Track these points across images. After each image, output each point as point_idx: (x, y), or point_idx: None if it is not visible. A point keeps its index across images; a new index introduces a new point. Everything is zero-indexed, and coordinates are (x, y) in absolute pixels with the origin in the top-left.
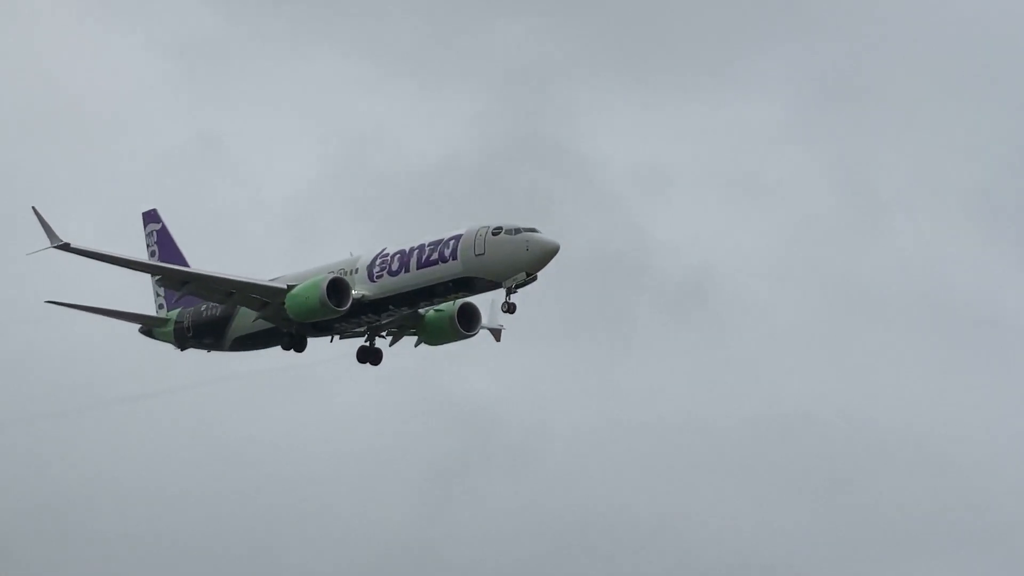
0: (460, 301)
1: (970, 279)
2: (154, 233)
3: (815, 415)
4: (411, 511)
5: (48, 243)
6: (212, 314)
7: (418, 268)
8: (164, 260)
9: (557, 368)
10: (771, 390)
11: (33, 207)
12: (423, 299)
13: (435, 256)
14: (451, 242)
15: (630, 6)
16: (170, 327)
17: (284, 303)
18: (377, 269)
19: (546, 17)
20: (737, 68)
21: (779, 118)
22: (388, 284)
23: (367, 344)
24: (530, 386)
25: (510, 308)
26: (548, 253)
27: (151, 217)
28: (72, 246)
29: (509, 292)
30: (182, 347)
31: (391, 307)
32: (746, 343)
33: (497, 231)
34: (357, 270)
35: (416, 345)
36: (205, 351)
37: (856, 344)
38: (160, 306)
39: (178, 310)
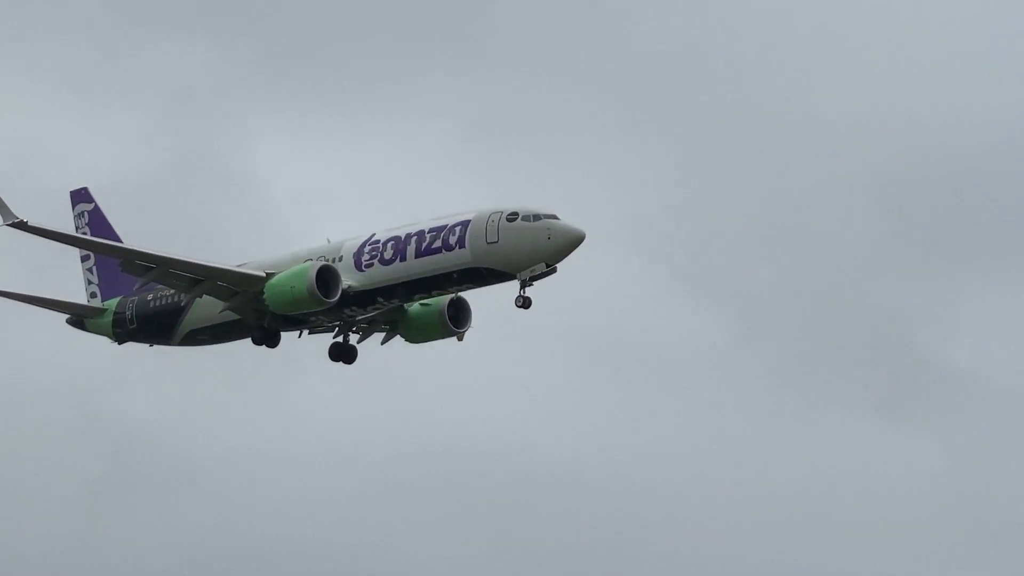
0: (448, 296)
1: (627, 311)
2: (84, 214)
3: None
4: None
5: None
6: (163, 304)
7: (417, 256)
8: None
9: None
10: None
11: None
12: (420, 291)
13: (438, 244)
14: (457, 228)
15: (302, 30)
16: (108, 318)
17: (263, 293)
18: (367, 257)
19: (215, 39)
20: (407, 92)
21: (447, 144)
22: (380, 274)
23: (339, 340)
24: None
25: (525, 303)
26: (572, 242)
27: (81, 196)
28: (30, 224)
29: (524, 285)
30: (120, 341)
31: (380, 300)
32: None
33: (513, 217)
34: (341, 258)
35: (383, 343)
36: (147, 345)
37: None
38: (93, 295)
39: (117, 299)
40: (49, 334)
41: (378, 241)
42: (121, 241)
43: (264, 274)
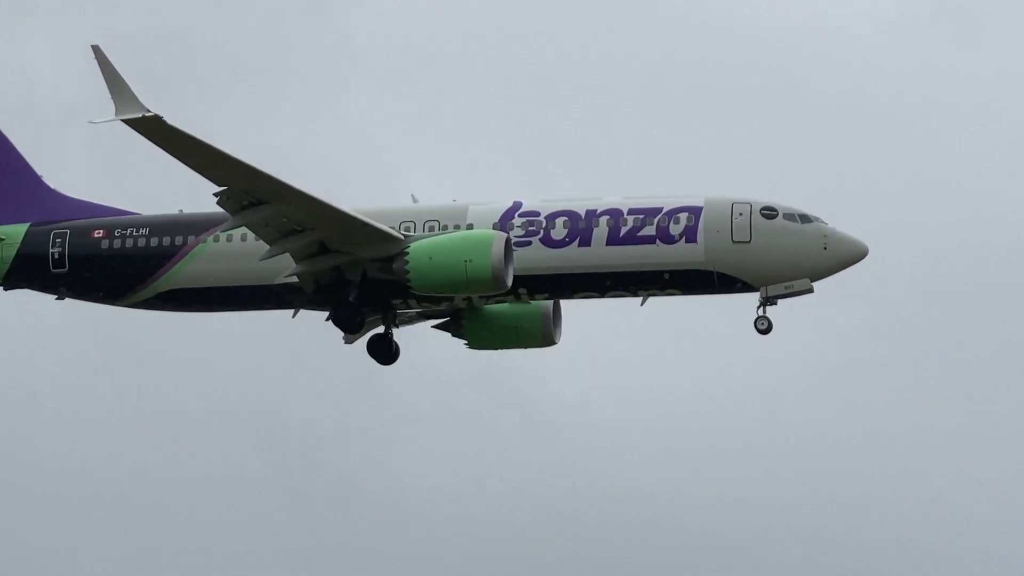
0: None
1: None
2: None
3: None
4: None
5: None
6: (134, 245)
7: (611, 243)
8: None
9: None
10: None
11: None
12: (593, 289)
13: (649, 231)
14: (682, 215)
15: None
16: (8, 250)
17: (394, 260)
18: (519, 232)
19: None
20: None
21: None
22: (544, 258)
23: (385, 333)
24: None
25: (767, 327)
26: (854, 258)
27: None
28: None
29: (767, 303)
30: (8, 286)
31: (523, 289)
32: None
33: (770, 213)
34: (472, 226)
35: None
36: (55, 297)
37: None
38: None
39: (19, 226)
40: None
41: (536, 213)
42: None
43: (401, 234)
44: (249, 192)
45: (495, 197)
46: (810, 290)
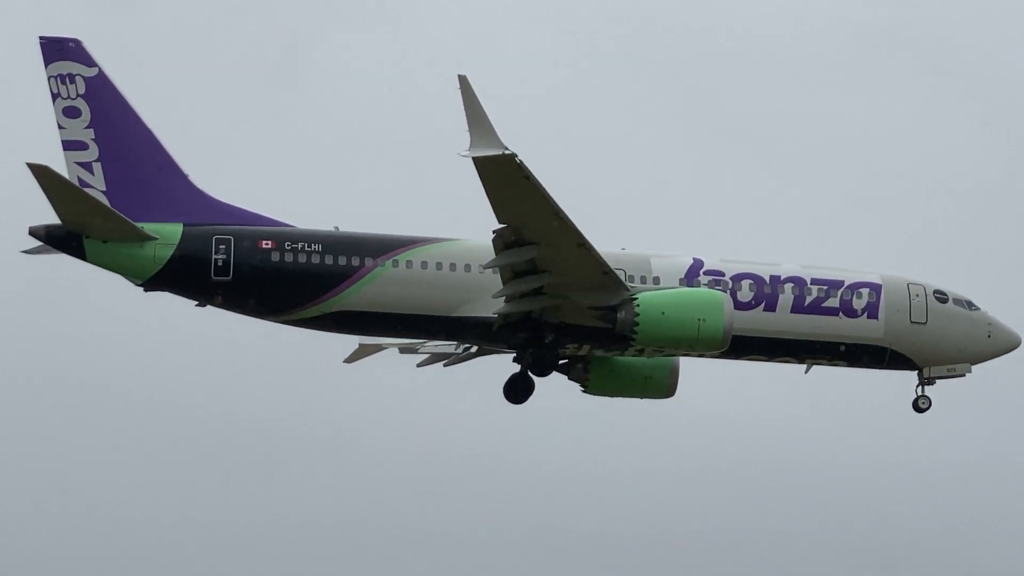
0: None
1: None
2: (76, 80)
3: None
4: None
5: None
6: (307, 262)
7: (798, 311)
8: (102, 137)
9: None
10: None
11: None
12: (769, 352)
13: (834, 303)
14: (864, 290)
15: None
16: (156, 251)
17: (635, 313)
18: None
19: None
20: None
21: None
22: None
23: (523, 373)
24: None
25: (929, 406)
26: (1011, 348)
27: (65, 51)
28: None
29: (927, 383)
30: (151, 287)
31: None
32: None
33: (942, 296)
34: (657, 279)
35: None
36: (195, 303)
37: None
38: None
39: (174, 225)
40: None
41: (720, 273)
42: (154, 139)
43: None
44: (528, 237)
45: (666, 250)
46: (969, 373)
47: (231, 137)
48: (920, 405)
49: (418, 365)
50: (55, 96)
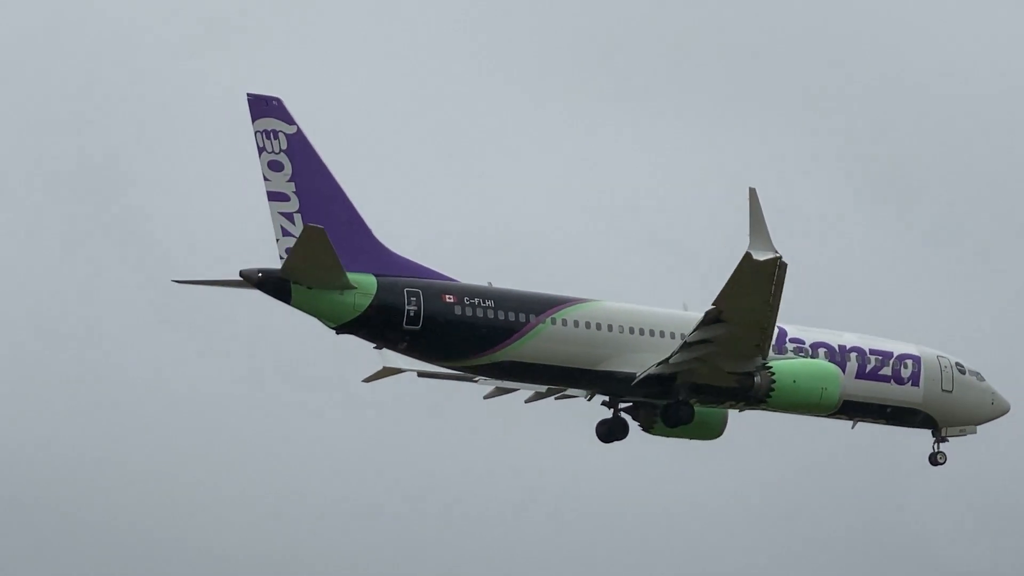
0: None
1: None
2: (279, 137)
3: None
4: None
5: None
6: (483, 316)
7: (861, 377)
8: (302, 190)
9: None
10: None
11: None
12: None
13: (887, 371)
14: (909, 361)
15: None
16: (356, 299)
17: (772, 380)
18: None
19: None
20: None
21: None
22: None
23: (615, 416)
24: None
25: (945, 460)
26: (1004, 413)
27: (269, 108)
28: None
29: (942, 440)
30: (343, 330)
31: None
32: None
33: (961, 368)
34: None
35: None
36: (374, 346)
37: None
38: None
39: (369, 276)
40: None
41: (802, 341)
42: (343, 192)
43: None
44: (729, 318)
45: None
46: (974, 434)
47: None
48: (938, 460)
49: (484, 397)
50: (261, 150)
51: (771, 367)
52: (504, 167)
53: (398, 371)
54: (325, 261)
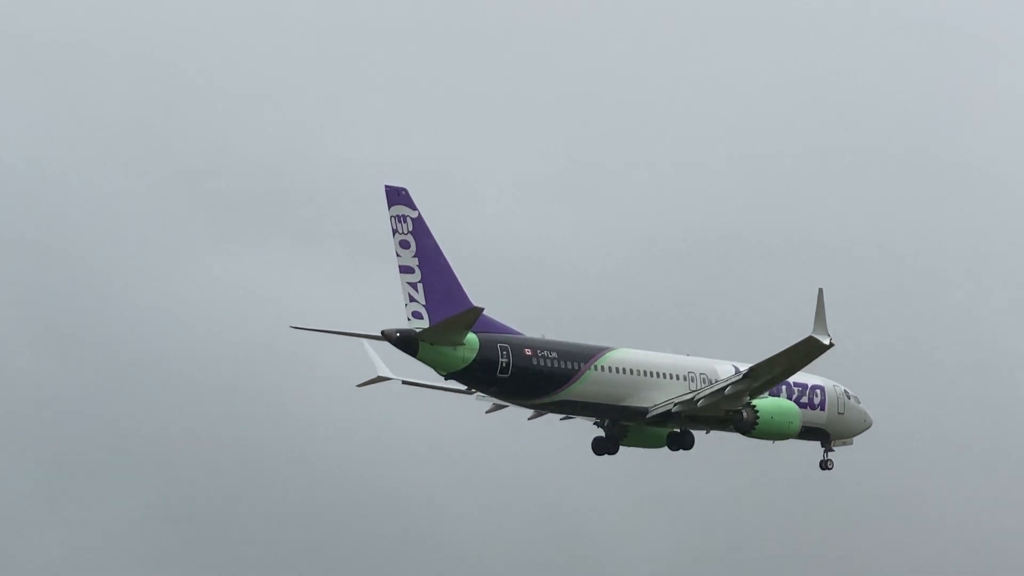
0: None
1: None
2: (406, 220)
3: None
4: None
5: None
6: (548, 364)
7: (804, 408)
8: (423, 264)
9: None
10: None
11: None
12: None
13: (806, 399)
14: (818, 391)
15: None
16: (466, 354)
17: (756, 415)
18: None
19: None
20: None
21: None
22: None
23: (608, 437)
24: None
25: (832, 466)
26: (869, 428)
27: (400, 197)
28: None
29: (829, 451)
30: (450, 376)
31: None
32: None
33: (848, 394)
34: (715, 381)
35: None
36: (468, 390)
37: None
38: (416, 314)
39: (473, 335)
40: None
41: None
42: (449, 266)
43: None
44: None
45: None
46: (851, 444)
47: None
48: (827, 465)
49: (487, 412)
50: (394, 231)
51: (755, 405)
52: None
53: (387, 379)
54: (461, 330)
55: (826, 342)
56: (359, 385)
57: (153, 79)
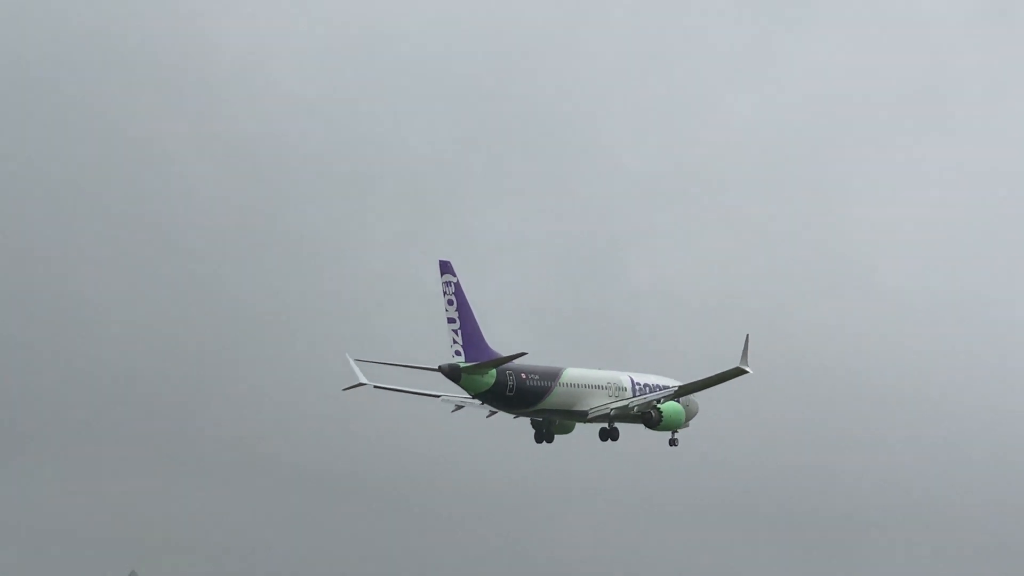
0: None
1: None
2: (451, 284)
3: None
4: None
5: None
6: (534, 384)
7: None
8: (459, 313)
9: None
10: None
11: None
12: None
13: (660, 395)
14: (666, 388)
15: None
16: (489, 379)
17: (660, 413)
18: (639, 392)
19: None
20: None
21: None
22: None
23: (544, 430)
24: None
25: (678, 444)
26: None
27: (447, 268)
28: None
29: (675, 432)
30: (480, 399)
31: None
32: None
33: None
34: (626, 389)
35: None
36: (480, 403)
37: None
38: (457, 352)
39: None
40: None
41: (642, 384)
42: (474, 314)
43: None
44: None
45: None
46: (688, 426)
47: None
48: (675, 443)
49: (452, 411)
50: (444, 293)
51: (660, 407)
52: None
53: (363, 384)
54: (492, 367)
55: (747, 370)
56: (345, 389)
57: None
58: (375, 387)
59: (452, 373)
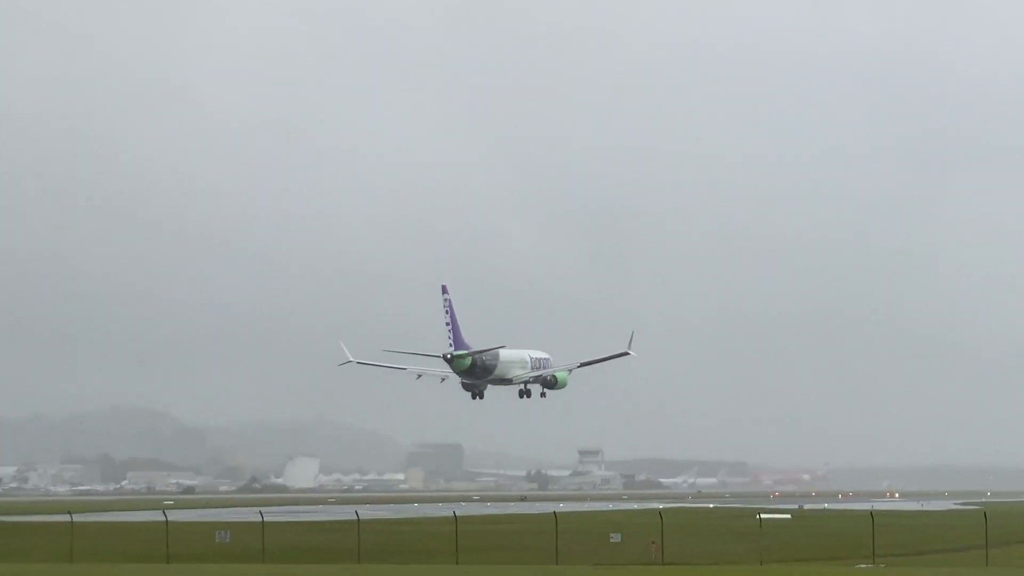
0: None
1: None
2: (448, 301)
3: None
4: None
5: None
6: (487, 362)
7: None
8: (452, 326)
9: None
10: None
11: (632, 331)
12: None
13: (548, 365)
14: (550, 360)
15: None
16: (468, 361)
17: (556, 377)
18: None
19: None
20: None
21: None
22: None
23: (478, 389)
24: None
25: (545, 395)
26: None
27: (444, 290)
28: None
29: (549, 388)
30: (460, 374)
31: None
32: None
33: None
34: (527, 362)
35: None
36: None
37: None
38: (451, 345)
39: (468, 354)
40: None
41: (543, 359)
42: (456, 320)
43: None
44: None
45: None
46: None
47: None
48: (545, 395)
49: (417, 377)
50: (444, 306)
51: (556, 375)
52: None
53: (351, 361)
54: (474, 355)
55: (631, 353)
56: (340, 364)
57: None
58: (358, 363)
59: (450, 360)
